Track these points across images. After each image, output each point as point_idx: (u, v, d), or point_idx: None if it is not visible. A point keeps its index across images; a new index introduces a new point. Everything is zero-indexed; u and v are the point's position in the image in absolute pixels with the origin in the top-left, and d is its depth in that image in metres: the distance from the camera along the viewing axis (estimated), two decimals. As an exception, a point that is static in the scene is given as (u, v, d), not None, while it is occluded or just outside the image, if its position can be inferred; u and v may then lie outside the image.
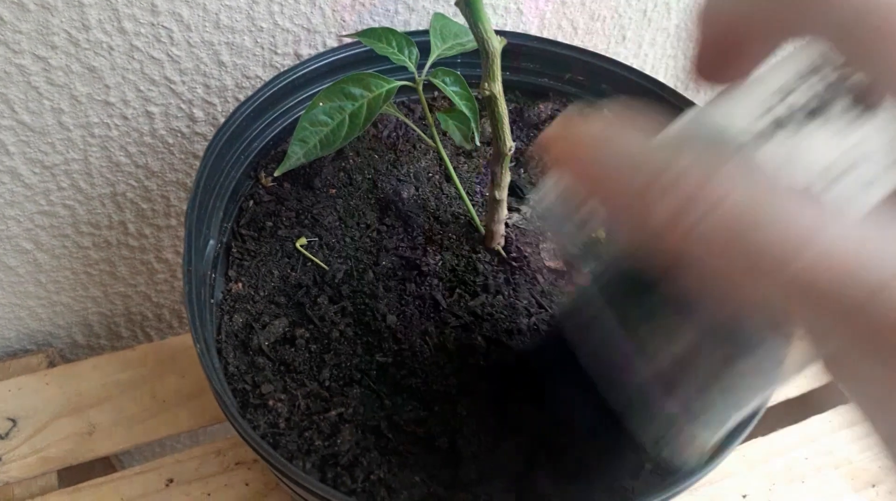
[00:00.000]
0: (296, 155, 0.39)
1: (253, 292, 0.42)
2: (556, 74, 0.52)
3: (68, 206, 0.59)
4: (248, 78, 0.56)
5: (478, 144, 0.40)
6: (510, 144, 0.38)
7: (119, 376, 0.65)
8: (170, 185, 0.61)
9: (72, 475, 0.62)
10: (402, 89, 0.49)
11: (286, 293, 0.43)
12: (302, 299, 0.42)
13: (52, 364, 0.67)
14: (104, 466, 0.68)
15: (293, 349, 0.39)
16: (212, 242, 0.42)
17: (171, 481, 0.61)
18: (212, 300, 0.41)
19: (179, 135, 0.58)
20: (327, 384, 0.38)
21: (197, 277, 0.38)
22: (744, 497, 0.63)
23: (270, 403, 0.36)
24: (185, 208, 0.63)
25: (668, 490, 0.32)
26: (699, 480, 0.33)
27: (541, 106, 0.52)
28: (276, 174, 0.39)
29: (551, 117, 0.52)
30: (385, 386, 0.39)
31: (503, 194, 0.41)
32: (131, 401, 0.64)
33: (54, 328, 0.69)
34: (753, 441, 0.66)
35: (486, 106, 0.37)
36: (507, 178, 0.40)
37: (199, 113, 0.57)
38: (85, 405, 0.64)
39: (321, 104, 0.39)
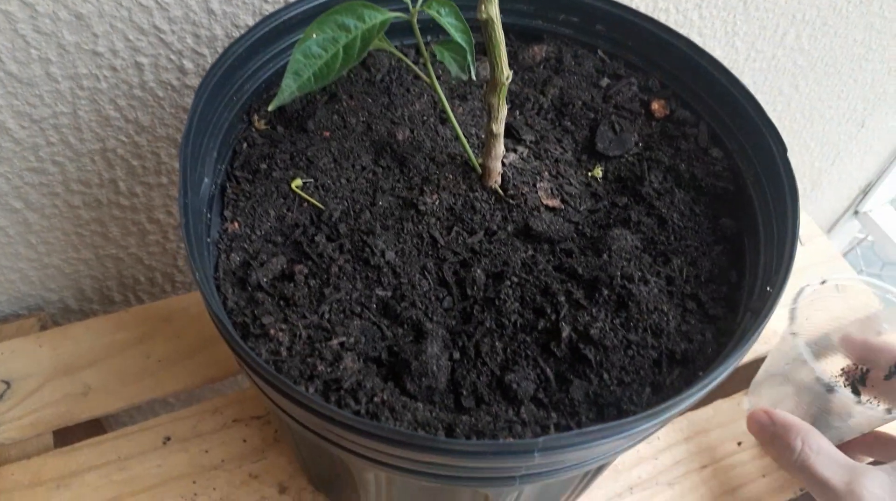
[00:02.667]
0: (290, 88, 0.39)
1: (249, 232, 0.42)
2: (550, 16, 0.51)
3: (58, 162, 0.58)
4: (237, 27, 0.55)
5: (474, 76, 0.40)
6: (507, 72, 0.38)
7: (113, 337, 0.65)
8: (160, 141, 0.60)
9: (66, 436, 0.62)
10: (394, 33, 0.48)
11: (283, 233, 0.42)
12: (299, 237, 0.42)
13: (44, 328, 0.67)
14: (97, 429, 0.67)
15: (292, 285, 0.39)
16: (206, 180, 0.41)
17: (168, 439, 0.61)
18: (208, 239, 0.41)
19: (170, 88, 0.57)
20: (328, 316, 0.38)
21: (193, 211, 0.37)
22: (739, 444, 0.64)
23: (271, 332, 0.36)
24: (176, 165, 0.63)
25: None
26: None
27: (535, 48, 0.52)
28: (270, 108, 0.39)
29: (546, 60, 0.52)
30: (386, 318, 0.39)
31: (500, 128, 0.41)
32: (126, 362, 0.64)
33: (46, 291, 0.69)
34: (745, 390, 0.67)
35: (482, 34, 0.37)
36: (503, 111, 0.40)
37: (189, 65, 0.56)
38: (79, 366, 0.63)
39: (314, 36, 0.39)
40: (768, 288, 0.37)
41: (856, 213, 1.25)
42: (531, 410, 0.35)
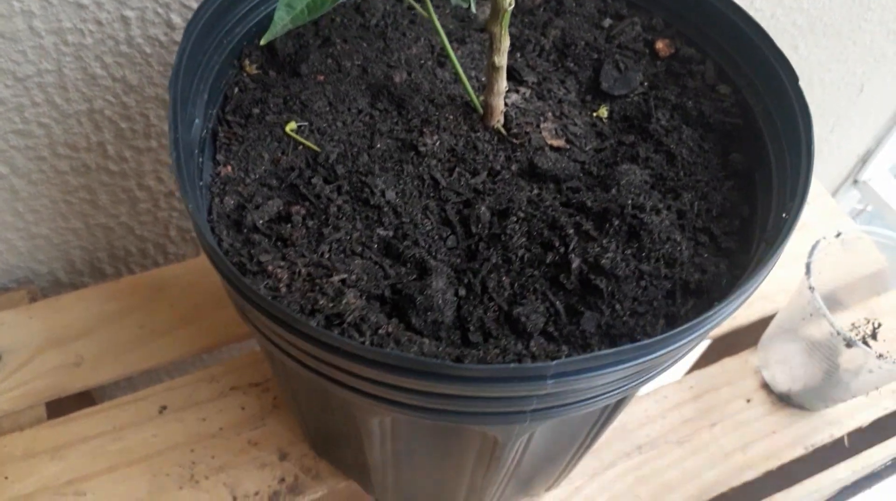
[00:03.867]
0: (282, 20, 0.37)
1: (243, 176, 0.40)
2: (549, -43, 0.50)
3: (44, 124, 0.56)
4: (226, -21, 0.54)
5: (473, 8, 0.38)
6: (509, -3, 0.36)
7: (105, 307, 0.63)
8: (149, 101, 0.59)
9: (60, 408, 0.60)
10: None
11: (278, 176, 0.41)
12: (295, 180, 0.40)
13: (34, 301, 0.65)
14: (88, 402, 0.66)
15: (290, 226, 0.38)
16: (197, 121, 0.40)
17: (164, 408, 0.59)
18: (200, 183, 0.39)
19: (157, 44, 0.55)
20: (328, 255, 0.36)
21: (185, 147, 0.36)
22: (748, 401, 0.63)
23: (269, 269, 0.34)
24: (165, 127, 0.61)
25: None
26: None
27: (533, -10, 0.50)
28: (262, 42, 0.37)
29: (546, 2, 0.50)
30: (388, 258, 0.37)
31: (503, 60, 0.39)
32: (119, 332, 0.62)
33: (35, 263, 0.67)
34: (753, 349, 0.65)
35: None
36: (506, 41, 0.39)
37: (176, 19, 0.54)
38: (71, 337, 0.62)
39: (308, -33, 0.37)
40: (784, 215, 0.36)
41: (855, 182, 1.24)
42: (541, 343, 0.34)
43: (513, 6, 0.37)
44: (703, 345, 0.75)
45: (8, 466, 0.55)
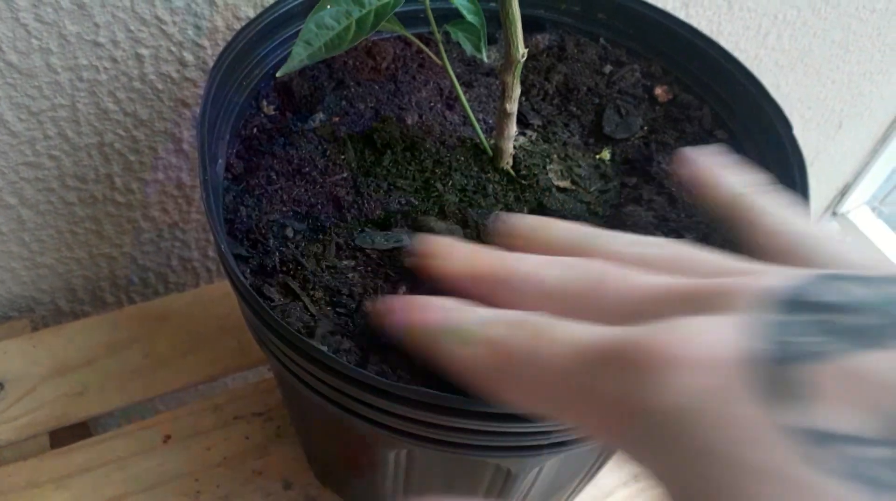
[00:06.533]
0: (299, 56, 0.39)
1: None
2: (552, 5, 0.52)
3: (54, 157, 0.57)
4: (238, 20, 0.55)
5: (486, 58, 0.41)
6: (522, 50, 0.38)
7: (109, 336, 0.64)
8: (158, 135, 0.60)
9: (63, 438, 0.60)
10: (404, 21, 0.49)
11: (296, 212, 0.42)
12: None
13: (36, 329, 0.66)
14: (85, 433, 0.66)
15: (308, 262, 0.39)
16: (221, 160, 0.41)
17: (168, 437, 0.60)
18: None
19: (169, 80, 0.57)
20: (346, 292, 0.38)
21: (213, 187, 0.37)
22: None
23: (291, 303, 0.35)
24: (172, 160, 0.62)
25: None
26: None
27: (537, 37, 0.52)
28: (278, 75, 0.38)
29: (549, 48, 0.52)
30: (404, 288, 0.39)
31: (514, 107, 0.41)
32: (123, 361, 0.63)
33: (37, 292, 0.67)
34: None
35: (498, 9, 0.38)
36: (517, 90, 0.41)
37: (189, 56, 0.56)
38: (74, 366, 0.62)
39: (328, 7, 0.39)
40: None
41: (834, 214, 1.28)
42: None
43: (525, 58, 0.39)
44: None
45: (11, 496, 0.55)
